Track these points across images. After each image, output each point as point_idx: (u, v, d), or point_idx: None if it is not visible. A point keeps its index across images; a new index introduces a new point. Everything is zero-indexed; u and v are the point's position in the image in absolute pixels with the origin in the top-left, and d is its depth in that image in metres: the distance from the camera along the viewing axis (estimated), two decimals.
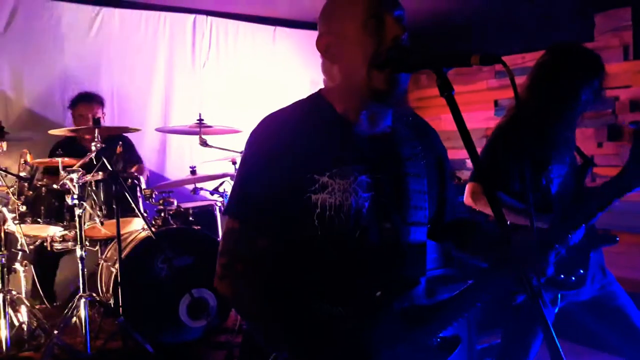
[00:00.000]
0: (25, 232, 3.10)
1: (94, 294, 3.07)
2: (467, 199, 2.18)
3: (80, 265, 3.00)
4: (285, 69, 5.08)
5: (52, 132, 3.37)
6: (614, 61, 4.20)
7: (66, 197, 3.06)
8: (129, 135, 3.96)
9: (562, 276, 2.07)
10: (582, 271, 2.08)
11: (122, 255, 3.07)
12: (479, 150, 1.41)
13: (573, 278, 2.07)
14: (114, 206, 3.06)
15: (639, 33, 4.26)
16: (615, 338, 2.17)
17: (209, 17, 4.73)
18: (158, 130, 4.09)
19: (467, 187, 2.17)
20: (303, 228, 1.20)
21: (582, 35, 4.58)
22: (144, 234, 3.34)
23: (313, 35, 1.35)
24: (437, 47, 5.63)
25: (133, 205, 3.15)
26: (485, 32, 4.95)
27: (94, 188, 3.17)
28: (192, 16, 4.66)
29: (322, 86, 1.33)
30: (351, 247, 1.20)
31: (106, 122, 3.97)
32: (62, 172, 3.07)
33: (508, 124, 2.18)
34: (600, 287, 2.14)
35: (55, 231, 3.20)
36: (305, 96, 1.35)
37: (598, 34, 4.53)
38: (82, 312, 2.90)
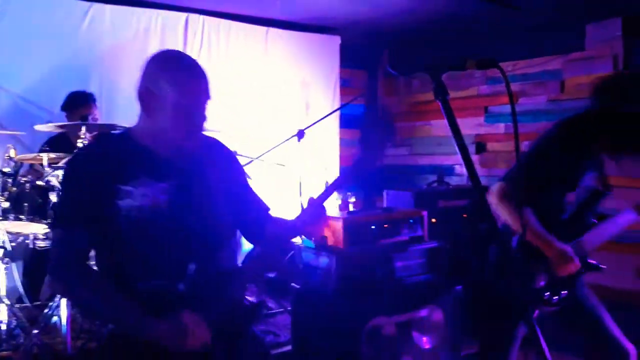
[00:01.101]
0: (8, 228, 3.04)
1: None
2: (493, 197, 2.06)
3: None
4: (277, 70, 5.06)
5: (37, 127, 3.32)
6: (604, 71, 4.23)
7: (50, 194, 3.00)
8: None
9: (547, 294, 2.08)
10: (565, 292, 2.11)
11: None
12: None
13: (556, 298, 2.09)
14: None
15: (629, 43, 4.30)
16: (583, 339, 2.19)
17: (202, 17, 4.69)
18: None
19: (498, 186, 2.07)
20: (117, 227, 1.53)
21: (573, 45, 4.63)
22: None
23: (305, 37, 1.36)
24: (429, 54, 5.65)
25: None
26: (476, 40, 4.97)
27: None
28: (184, 15, 4.62)
29: (313, 87, 1.59)
30: (158, 235, 1.55)
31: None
32: (47, 169, 3.02)
33: (568, 134, 2.09)
34: (570, 295, 2.15)
35: (38, 228, 3.14)
36: (294, 97, 1.62)
37: (589, 43, 4.57)
38: (63, 312, 2.84)
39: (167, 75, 1.60)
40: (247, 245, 1.94)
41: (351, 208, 3.75)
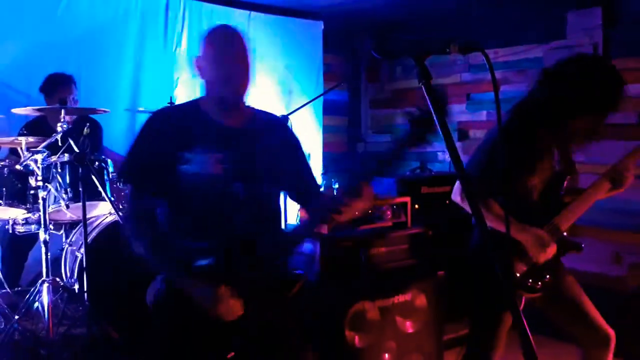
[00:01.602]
0: None
1: (58, 279, 2.99)
2: (455, 196, 2.14)
3: (43, 249, 2.91)
4: (260, 54, 5.00)
5: (15, 110, 3.25)
6: None
7: (29, 179, 2.96)
8: (97, 117, 3.85)
9: (530, 281, 2.11)
10: (548, 277, 2.13)
11: (88, 240, 3.00)
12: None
13: (539, 283, 2.12)
14: (80, 189, 2.98)
15: (609, 33, 4.35)
16: (570, 326, 2.24)
17: None
18: (127, 110, 3.99)
19: (457, 185, 2.12)
20: (179, 190, 1.72)
21: (553, 33, 4.66)
22: (110, 218, 3.26)
23: (289, 21, 1.37)
24: (412, 39, 5.64)
25: (100, 188, 3.07)
26: (458, 27, 4.98)
27: (59, 170, 3.07)
28: None
29: (296, 73, 1.92)
30: (213, 201, 1.73)
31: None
32: (25, 153, 2.97)
33: (514, 123, 2.11)
34: (555, 282, 2.18)
35: (17, 213, 3.10)
36: (277, 82, 1.74)
37: (570, 32, 4.61)
38: (45, 297, 2.82)
39: (208, 39, 1.81)
40: None
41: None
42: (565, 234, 2.16)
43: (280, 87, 5.14)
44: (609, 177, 2.17)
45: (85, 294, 2.91)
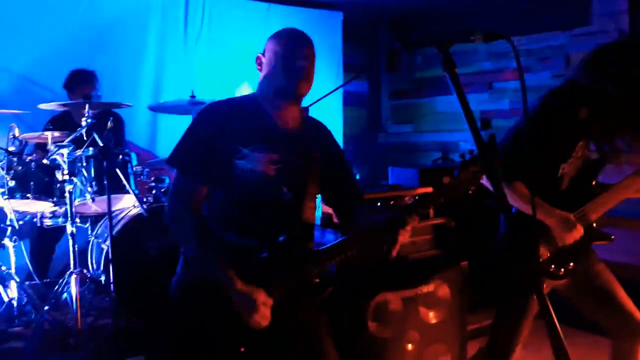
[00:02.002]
0: (15, 207, 3.06)
1: (85, 271, 3.05)
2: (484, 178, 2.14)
3: (70, 241, 2.97)
4: None
5: (41, 106, 3.31)
6: None
7: (56, 173, 3.02)
8: (120, 111, 3.90)
9: (553, 267, 2.09)
10: (572, 264, 2.10)
11: (113, 232, 3.05)
12: None
13: (562, 270, 2.09)
14: (105, 182, 3.03)
15: (635, 18, 4.24)
16: (597, 315, 2.20)
17: None
18: (150, 108, 4.03)
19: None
20: (229, 182, 1.71)
21: (577, 20, 4.57)
22: (135, 211, 3.31)
23: (306, 12, 1.37)
24: (432, 29, 5.59)
25: (124, 181, 3.11)
26: (478, 15, 4.91)
27: (84, 164, 3.13)
28: None
29: (316, 63, 1.84)
30: (260, 200, 1.72)
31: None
32: (51, 147, 3.03)
33: (551, 108, 2.07)
34: (583, 270, 2.16)
35: (44, 207, 3.16)
36: None
37: (594, 18, 4.51)
38: (73, 289, 2.88)
39: (278, 35, 1.82)
40: None
41: None
42: (594, 224, 2.13)
43: None
44: None
45: (112, 285, 2.96)
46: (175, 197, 1.75)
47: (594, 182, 2.18)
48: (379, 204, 2.62)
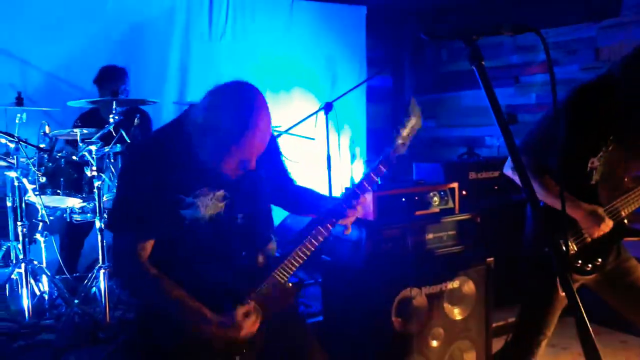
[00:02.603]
0: (46, 203, 3.13)
1: None
2: (506, 169, 2.13)
3: (99, 236, 3.02)
4: (302, 43, 5.02)
5: (70, 103, 3.37)
6: None
7: (85, 169, 3.07)
8: (146, 108, 3.95)
9: (580, 262, 2.05)
10: (600, 260, 2.07)
11: None
12: None
13: (590, 265, 2.06)
14: None
15: None
16: (629, 313, 2.17)
17: None
18: (176, 103, 4.08)
19: (509, 158, 2.08)
20: (178, 232, 1.63)
21: (606, 11, 4.46)
22: None
23: (331, 9, 1.36)
24: (456, 22, 5.52)
25: None
26: (504, 7, 4.83)
27: (112, 160, 3.18)
28: None
29: (340, 58, 1.73)
30: (213, 239, 1.67)
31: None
32: (80, 144, 3.09)
33: (585, 102, 2.03)
34: (614, 266, 2.12)
35: (74, 202, 3.23)
36: (320, 69, 1.67)
37: (625, 8, 4.40)
38: (102, 283, 2.93)
39: (231, 99, 1.60)
40: None
41: (379, 181, 3.74)
42: (625, 220, 2.09)
43: (324, 74, 5.14)
44: None
45: None
46: (122, 258, 1.68)
47: (626, 178, 2.13)
48: (403, 199, 2.60)
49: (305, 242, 1.72)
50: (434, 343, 2.55)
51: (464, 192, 3.32)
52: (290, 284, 1.76)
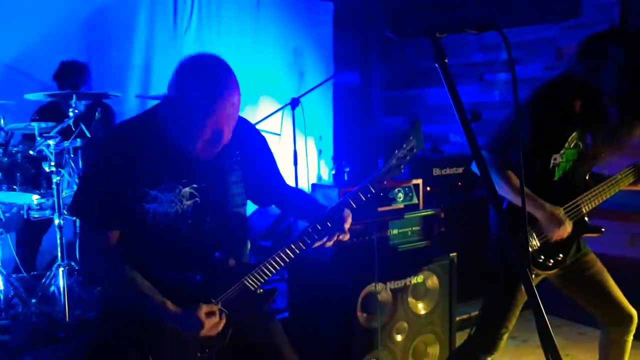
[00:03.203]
0: (1, 199, 3.03)
1: (73, 263, 3.02)
2: (474, 166, 2.14)
3: (58, 233, 2.94)
4: (269, 36, 4.98)
5: (27, 96, 3.26)
6: None
7: (43, 164, 2.98)
8: (109, 102, 3.86)
9: (542, 258, 2.10)
10: (561, 255, 2.12)
11: None
12: None
13: (551, 261, 2.11)
14: None
15: (626, 10, 4.25)
16: (588, 305, 2.23)
17: None
18: (138, 96, 3.99)
19: None
20: (142, 226, 1.60)
21: (568, 12, 4.57)
22: None
23: (297, 3, 1.34)
24: (423, 19, 5.56)
25: None
26: (468, 7, 4.90)
27: (72, 155, 3.09)
28: None
29: (306, 54, 1.60)
30: (181, 236, 1.64)
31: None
32: (38, 138, 2.99)
33: (545, 99, 2.08)
34: (574, 260, 2.18)
35: (32, 199, 3.13)
36: (287, 65, 1.61)
37: (586, 10, 4.51)
38: (61, 281, 2.85)
39: (197, 77, 1.55)
40: None
41: (345, 177, 3.74)
42: (586, 217, 2.14)
43: (290, 69, 5.11)
44: (636, 169, 2.15)
45: None
46: (87, 248, 1.68)
47: (587, 175, 2.19)
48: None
49: (285, 249, 1.66)
50: (399, 337, 2.58)
51: (428, 189, 3.36)
52: (261, 291, 1.72)
